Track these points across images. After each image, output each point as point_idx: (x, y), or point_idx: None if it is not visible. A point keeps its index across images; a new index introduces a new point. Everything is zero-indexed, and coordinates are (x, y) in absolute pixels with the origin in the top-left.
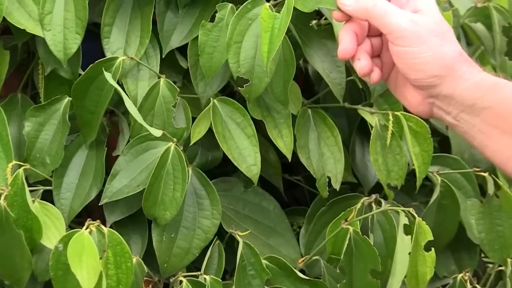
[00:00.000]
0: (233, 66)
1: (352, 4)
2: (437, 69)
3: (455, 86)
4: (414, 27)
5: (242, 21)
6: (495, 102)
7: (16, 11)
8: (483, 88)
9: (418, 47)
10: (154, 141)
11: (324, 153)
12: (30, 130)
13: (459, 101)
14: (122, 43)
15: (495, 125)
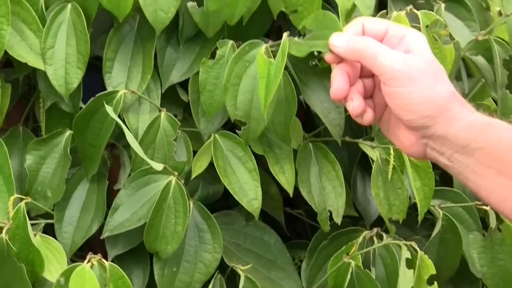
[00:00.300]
0: (230, 108)
1: (343, 45)
2: (430, 109)
3: (448, 127)
4: (406, 68)
5: (239, 63)
6: (489, 142)
7: (17, 44)
8: (476, 128)
9: (410, 88)
10: (156, 175)
11: (326, 187)
12: (31, 163)
13: (453, 142)
14: (124, 78)
15: (489, 166)
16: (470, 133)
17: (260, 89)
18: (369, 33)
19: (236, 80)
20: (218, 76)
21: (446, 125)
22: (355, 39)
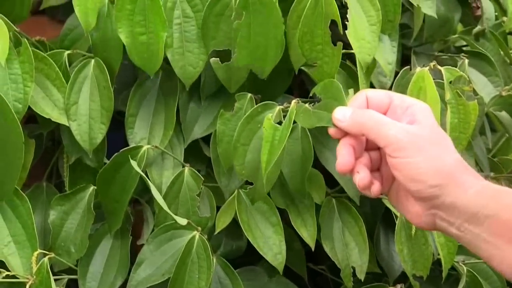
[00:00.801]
0: (238, 168)
1: (347, 120)
2: (438, 179)
3: (457, 195)
4: (411, 138)
5: (251, 124)
6: (500, 209)
7: (41, 100)
8: (486, 195)
9: (416, 158)
10: (179, 230)
11: (349, 243)
12: (55, 219)
13: (462, 210)
14: (146, 134)
15: (500, 234)
16: (480, 200)
17: (263, 154)
18: (373, 105)
19: (246, 140)
20: (235, 128)
21: (455, 194)
22: (358, 113)
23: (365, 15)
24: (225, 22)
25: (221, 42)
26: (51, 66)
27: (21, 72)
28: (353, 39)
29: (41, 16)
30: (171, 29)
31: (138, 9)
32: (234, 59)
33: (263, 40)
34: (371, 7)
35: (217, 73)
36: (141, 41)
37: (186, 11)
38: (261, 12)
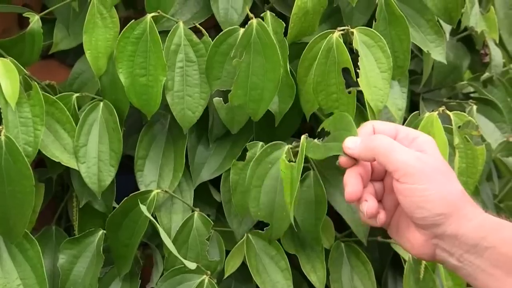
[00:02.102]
0: (253, 210)
1: (358, 145)
2: (443, 207)
3: (459, 226)
4: (420, 165)
5: (262, 165)
6: (499, 242)
7: (51, 144)
8: (487, 227)
9: (424, 185)
10: (188, 274)
11: (357, 287)
12: (64, 262)
13: (463, 241)
14: (156, 176)
15: (498, 266)
16: (481, 232)
17: (286, 192)
18: (380, 129)
19: (259, 182)
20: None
21: (457, 224)
22: (369, 138)
23: (376, 62)
24: (229, 62)
25: (225, 82)
26: (61, 110)
27: (31, 116)
28: (365, 87)
29: (51, 60)
30: (173, 72)
31: (139, 51)
32: (229, 96)
33: (260, 81)
34: (381, 54)
35: (219, 113)
36: (141, 83)
37: (189, 55)
38: (261, 53)
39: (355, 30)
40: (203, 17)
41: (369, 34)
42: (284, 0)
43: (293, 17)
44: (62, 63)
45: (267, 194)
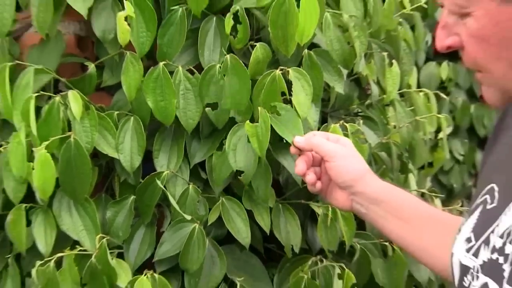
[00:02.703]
0: (232, 163)
1: (303, 142)
2: (354, 175)
3: (365, 187)
4: (341, 151)
5: (234, 136)
6: (389, 197)
7: (102, 143)
8: (381, 189)
9: (344, 163)
10: (186, 223)
11: (289, 231)
12: (110, 216)
13: (368, 197)
14: (166, 162)
15: (390, 212)
16: (378, 191)
17: (253, 145)
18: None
19: (234, 146)
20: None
21: (363, 186)
22: (311, 137)
23: (302, 89)
24: (214, 83)
25: (212, 97)
26: (108, 122)
27: (89, 126)
28: (296, 103)
29: (101, 92)
30: (178, 97)
31: (158, 85)
32: (222, 104)
33: (238, 92)
34: (306, 84)
35: (210, 116)
36: (161, 105)
37: (187, 86)
38: (235, 74)
39: (290, 70)
40: (194, 63)
41: (299, 71)
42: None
43: (251, 64)
44: (108, 93)
45: (240, 152)
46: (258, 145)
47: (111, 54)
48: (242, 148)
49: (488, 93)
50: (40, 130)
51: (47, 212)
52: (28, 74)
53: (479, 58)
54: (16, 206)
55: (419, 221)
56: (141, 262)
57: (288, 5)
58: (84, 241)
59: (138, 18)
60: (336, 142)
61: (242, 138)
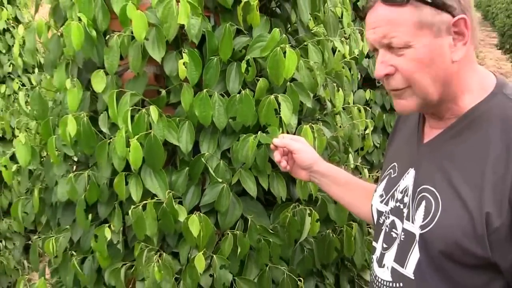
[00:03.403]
0: (241, 155)
1: (279, 141)
2: (311, 161)
3: (318, 167)
4: (303, 147)
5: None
6: (332, 172)
7: (169, 136)
8: (328, 167)
9: (304, 154)
10: (218, 183)
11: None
12: (174, 179)
13: (320, 173)
14: (207, 147)
15: (334, 182)
16: (326, 169)
17: (252, 148)
18: (285, 139)
19: (242, 146)
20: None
21: (317, 167)
22: (284, 139)
23: (286, 107)
24: (234, 106)
25: (232, 113)
26: (173, 124)
27: (162, 126)
28: (283, 116)
29: (169, 106)
30: (214, 110)
31: (202, 103)
32: (238, 118)
33: (246, 113)
34: (289, 104)
35: (232, 124)
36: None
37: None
38: (245, 103)
39: (279, 95)
40: (223, 90)
41: (284, 96)
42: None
43: (256, 91)
44: (173, 107)
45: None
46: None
47: (174, 84)
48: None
49: (406, 103)
50: (134, 129)
51: (137, 177)
52: (126, 96)
53: (414, 75)
54: (119, 173)
55: (350, 186)
56: (192, 207)
57: (279, 56)
58: (159, 194)
59: (190, 63)
60: (297, 141)
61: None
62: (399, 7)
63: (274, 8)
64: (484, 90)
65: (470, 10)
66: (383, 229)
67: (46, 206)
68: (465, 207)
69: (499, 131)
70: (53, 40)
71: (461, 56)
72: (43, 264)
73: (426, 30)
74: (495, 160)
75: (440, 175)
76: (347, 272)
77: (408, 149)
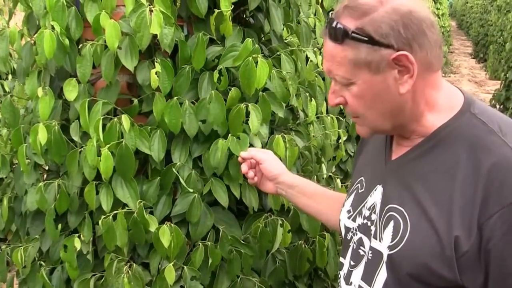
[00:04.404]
0: (212, 161)
1: (245, 154)
2: (277, 172)
3: (284, 178)
4: (269, 157)
5: (214, 146)
6: (299, 184)
7: (141, 144)
8: (294, 179)
9: (270, 165)
10: (189, 193)
11: (251, 198)
12: (145, 188)
13: (287, 184)
14: (178, 156)
15: (300, 193)
16: (293, 181)
17: (222, 152)
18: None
19: (214, 152)
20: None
21: (283, 178)
22: (251, 151)
23: (255, 116)
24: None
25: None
26: (144, 133)
27: (134, 135)
28: (251, 125)
29: (141, 115)
30: (185, 117)
31: (172, 111)
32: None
33: (217, 113)
34: (258, 113)
35: (201, 127)
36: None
37: (190, 111)
38: (216, 102)
39: (250, 105)
40: (195, 98)
41: (254, 105)
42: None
43: (228, 100)
44: (145, 116)
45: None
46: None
47: (147, 93)
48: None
49: (361, 130)
50: (105, 138)
51: (108, 186)
52: (98, 105)
53: (359, 110)
54: (90, 182)
55: (317, 196)
56: (163, 217)
57: (250, 65)
58: (130, 204)
59: (163, 73)
60: (264, 153)
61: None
62: (338, 44)
63: (248, 18)
64: (452, 108)
65: (418, 39)
66: (350, 245)
67: (15, 215)
68: (434, 229)
69: (467, 151)
70: (26, 48)
71: (408, 89)
72: (11, 274)
73: (365, 68)
74: (463, 181)
75: (408, 194)
76: (320, 282)
77: (376, 164)
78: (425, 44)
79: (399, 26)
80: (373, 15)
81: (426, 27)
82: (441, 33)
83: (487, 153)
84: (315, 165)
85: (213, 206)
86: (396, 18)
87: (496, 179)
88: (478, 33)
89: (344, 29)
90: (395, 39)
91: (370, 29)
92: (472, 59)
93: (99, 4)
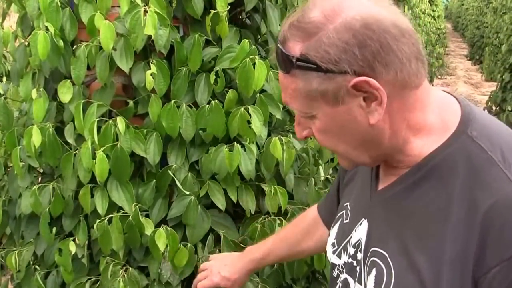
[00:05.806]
0: (213, 166)
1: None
2: (242, 271)
3: (252, 265)
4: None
5: (215, 152)
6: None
7: (136, 147)
8: (263, 252)
9: (233, 276)
10: (186, 196)
11: (248, 200)
12: (141, 191)
13: (257, 262)
14: (174, 159)
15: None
16: (262, 256)
17: (226, 159)
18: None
19: (215, 156)
20: (210, 161)
21: (251, 266)
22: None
23: (257, 118)
24: (204, 117)
25: (202, 125)
26: (140, 135)
27: (129, 138)
28: (254, 127)
29: (137, 117)
30: (182, 121)
31: (169, 114)
32: (207, 129)
33: (216, 124)
34: (260, 115)
35: (202, 136)
36: (170, 126)
37: (187, 114)
38: (216, 113)
39: (250, 107)
40: (192, 101)
41: (255, 108)
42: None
43: (225, 102)
44: (141, 118)
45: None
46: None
47: (142, 95)
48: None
49: (343, 161)
50: (100, 140)
51: (103, 189)
52: (93, 107)
53: (326, 145)
54: (85, 185)
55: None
56: (159, 220)
57: (248, 67)
58: (125, 207)
59: (158, 74)
60: (213, 275)
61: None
62: (287, 74)
63: (244, 19)
64: (445, 129)
65: (382, 57)
66: (337, 283)
67: (9, 219)
68: (421, 282)
69: (461, 187)
70: (20, 50)
71: (379, 118)
72: (6, 279)
73: (321, 99)
74: (455, 226)
75: (393, 234)
76: (318, 285)
77: (362, 192)
78: (393, 62)
79: (352, 46)
80: (319, 36)
81: (391, 40)
82: (437, 35)
83: (484, 191)
84: (313, 167)
85: (210, 209)
86: (347, 37)
87: (494, 225)
88: (473, 35)
89: (288, 57)
90: (349, 64)
91: (316, 55)
92: (468, 61)
93: (94, 4)
